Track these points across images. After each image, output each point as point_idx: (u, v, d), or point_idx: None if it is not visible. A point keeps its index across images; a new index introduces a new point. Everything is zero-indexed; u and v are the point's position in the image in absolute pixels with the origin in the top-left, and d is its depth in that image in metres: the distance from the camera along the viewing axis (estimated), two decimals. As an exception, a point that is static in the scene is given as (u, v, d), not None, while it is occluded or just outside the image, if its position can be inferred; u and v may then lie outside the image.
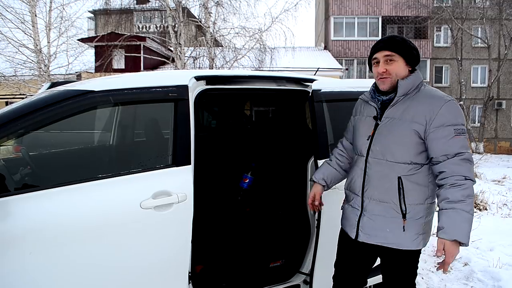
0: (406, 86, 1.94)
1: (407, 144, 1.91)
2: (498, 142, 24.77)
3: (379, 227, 1.98)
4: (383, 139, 1.96)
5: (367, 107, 2.10)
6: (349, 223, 2.11)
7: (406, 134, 1.91)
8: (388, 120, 1.97)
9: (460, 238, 1.76)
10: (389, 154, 1.94)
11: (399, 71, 1.95)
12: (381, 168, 1.96)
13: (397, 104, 1.96)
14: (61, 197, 1.94)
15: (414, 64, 1.99)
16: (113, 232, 2.01)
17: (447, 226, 1.78)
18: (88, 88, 2.13)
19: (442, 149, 1.85)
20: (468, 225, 1.77)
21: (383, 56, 1.96)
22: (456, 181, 1.80)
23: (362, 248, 2.09)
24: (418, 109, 1.90)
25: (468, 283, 3.60)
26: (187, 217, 2.17)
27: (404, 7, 23.14)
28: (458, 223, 1.76)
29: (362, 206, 2.04)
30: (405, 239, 1.94)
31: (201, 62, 14.87)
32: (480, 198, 6.91)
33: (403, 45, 1.96)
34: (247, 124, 4.39)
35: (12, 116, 1.94)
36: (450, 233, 1.77)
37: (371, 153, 2.00)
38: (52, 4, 13.53)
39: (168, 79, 2.34)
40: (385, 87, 1.98)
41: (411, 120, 1.90)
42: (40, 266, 1.86)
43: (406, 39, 1.99)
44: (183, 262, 2.21)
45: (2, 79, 13.32)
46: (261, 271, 2.95)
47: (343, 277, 2.21)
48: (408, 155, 1.92)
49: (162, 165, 2.24)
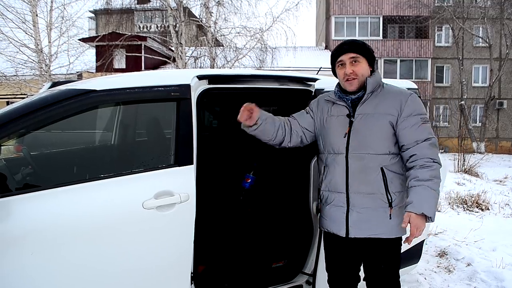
0: (373, 83, 2.09)
1: (385, 136, 2.05)
2: (499, 142, 24.74)
3: (368, 219, 2.04)
4: (361, 134, 2.06)
5: (336, 107, 2.19)
6: (336, 223, 2.13)
7: (383, 127, 2.04)
8: (361, 116, 2.08)
9: (426, 212, 1.90)
10: (370, 147, 2.04)
11: (364, 71, 2.10)
12: (363, 161, 2.05)
13: (368, 101, 2.09)
14: (63, 197, 1.92)
15: (373, 65, 2.15)
16: (114, 232, 2.00)
17: (415, 201, 1.92)
18: (90, 87, 2.12)
19: (413, 136, 2.01)
20: (434, 201, 1.94)
21: (348, 58, 2.09)
22: (426, 163, 1.96)
23: (352, 245, 2.13)
24: (388, 103, 2.06)
25: (471, 283, 3.58)
26: (189, 217, 2.15)
27: (405, 6, 23.10)
28: (425, 198, 1.91)
29: (348, 202, 2.08)
30: (393, 227, 2.04)
31: (202, 61, 14.88)
32: (482, 198, 6.89)
33: (365, 48, 2.12)
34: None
35: (13, 115, 1.93)
36: (417, 207, 1.90)
37: (350, 149, 2.07)
38: (53, 4, 13.56)
39: (170, 78, 2.33)
40: (353, 87, 2.10)
41: (385, 113, 2.04)
42: (41, 266, 1.85)
43: (367, 43, 2.16)
44: (185, 262, 2.19)
45: (3, 79, 13.32)
46: (263, 271, 2.94)
47: (338, 278, 2.24)
48: (387, 145, 2.05)
49: (164, 165, 2.23)
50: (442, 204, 6.50)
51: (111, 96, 2.16)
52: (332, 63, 2.20)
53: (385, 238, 2.05)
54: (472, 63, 24.55)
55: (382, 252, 2.10)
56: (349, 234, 2.08)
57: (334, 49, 2.17)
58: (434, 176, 1.95)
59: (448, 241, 4.61)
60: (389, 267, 2.13)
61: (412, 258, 3.05)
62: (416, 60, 24.24)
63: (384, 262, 2.11)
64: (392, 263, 2.14)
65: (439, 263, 4.08)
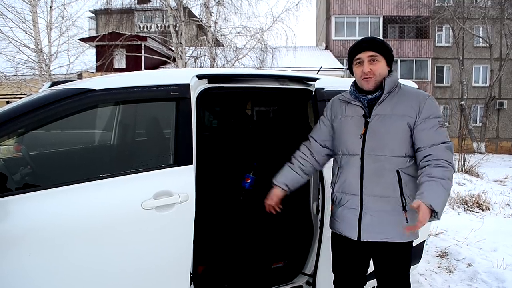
0: (391, 83, 2.04)
1: (402, 138, 1.99)
2: (499, 142, 24.73)
3: (381, 223, 2.00)
4: (378, 135, 2.00)
5: (351, 107, 2.12)
6: (348, 225, 2.08)
7: (400, 128, 1.99)
8: (378, 117, 2.02)
9: (435, 205, 1.82)
10: (387, 149, 1.99)
11: (382, 71, 2.04)
12: (379, 163, 1.99)
13: (385, 101, 2.03)
14: (61, 197, 1.92)
15: (391, 65, 2.09)
16: (114, 232, 1.99)
17: (426, 192, 1.85)
18: (89, 86, 2.11)
19: (431, 138, 1.96)
20: (444, 199, 1.87)
21: (367, 56, 2.02)
22: (441, 163, 1.91)
23: (362, 248, 2.09)
24: (406, 104, 2.00)
25: (472, 284, 3.57)
26: (189, 217, 2.14)
27: (406, 6, 23.09)
28: (436, 192, 1.85)
29: (361, 205, 2.03)
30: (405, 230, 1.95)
31: (202, 61, 14.86)
32: (482, 198, 6.87)
33: (385, 47, 2.06)
34: (249, 123, 4.37)
35: (13, 114, 1.92)
36: (427, 198, 1.83)
37: (366, 150, 2.02)
38: (53, 4, 13.52)
39: (169, 77, 2.32)
40: (370, 86, 2.04)
41: (403, 114, 1.99)
42: (40, 266, 1.84)
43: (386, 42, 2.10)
44: (185, 263, 2.18)
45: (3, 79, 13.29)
46: (263, 272, 2.93)
47: (345, 280, 2.20)
48: (404, 147, 2.00)
49: (164, 165, 2.22)
50: (442, 204, 6.48)
51: (110, 96, 2.15)
52: (350, 60, 2.14)
53: (397, 242, 2.01)
54: (473, 63, 24.54)
55: (394, 256, 2.06)
56: (361, 238, 2.03)
57: (352, 46, 2.11)
58: (448, 177, 1.89)
59: (448, 242, 4.60)
60: (400, 270, 2.10)
61: (413, 258, 3.03)
62: (416, 60, 24.24)
63: (396, 265, 2.08)
64: (403, 266, 2.10)
65: (439, 263, 4.06)
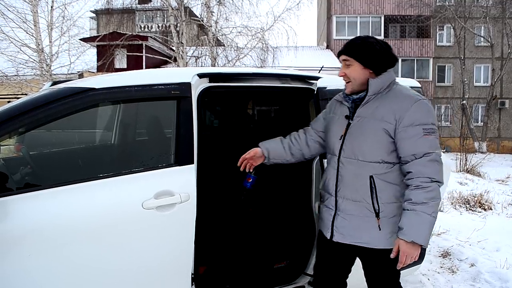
0: (376, 85, 1.93)
1: (378, 143, 1.91)
2: (501, 142, 24.69)
3: (353, 226, 1.97)
4: (354, 138, 1.96)
5: (341, 107, 2.10)
6: (324, 223, 2.10)
7: (376, 133, 1.90)
8: (359, 119, 1.96)
9: (417, 240, 1.79)
10: (360, 153, 1.94)
11: (355, 75, 1.95)
12: (353, 167, 1.96)
13: (368, 103, 1.96)
14: (62, 197, 1.90)
15: (378, 66, 1.94)
16: (114, 232, 1.97)
17: (406, 228, 1.81)
18: (89, 85, 2.09)
19: (411, 148, 1.85)
20: (427, 227, 1.81)
21: (342, 60, 1.99)
22: (421, 183, 1.81)
23: (339, 249, 2.06)
24: (387, 108, 1.89)
25: (475, 284, 3.55)
26: (190, 217, 2.12)
27: (407, 6, 23.08)
28: (416, 225, 1.80)
29: (336, 205, 2.03)
30: (380, 238, 1.93)
31: (203, 61, 14.86)
32: (485, 197, 6.86)
33: (360, 49, 1.94)
34: (250, 123, 4.35)
35: (13, 113, 1.90)
36: (408, 234, 1.80)
37: (343, 152, 1.99)
38: (54, 4, 13.52)
39: (170, 76, 2.30)
40: (348, 90, 2.01)
41: (381, 119, 1.90)
42: (41, 267, 1.83)
43: (370, 42, 1.95)
44: (186, 263, 2.17)
45: (4, 79, 13.31)
46: (265, 272, 2.91)
47: (323, 279, 2.18)
48: (379, 154, 1.92)
49: (165, 165, 2.21)
50: (444, 204, 6.47)
51: (110, 94, 2.13)
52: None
53: (379, 249, 1.95)
54: (474, 62, 24.50)
55: (375, 261, 2.03)
56: (333, 238, 2.03)
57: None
58: (430, 198, 1.80)
59: (451, 241, 4.58)
60: (386, 277, 2.06)
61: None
62: (417, 60, 24.20)
63: (379, 271, 2.05)
64: (387, 273, 2.05)
65: (442, 263, 4.04)
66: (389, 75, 1.96)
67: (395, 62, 1.99)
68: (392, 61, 1.97)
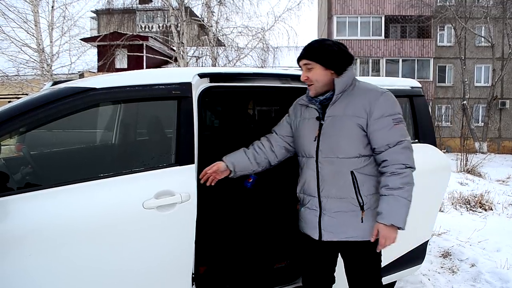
0: (342, 83, 2.00)
1: (354, 139, 1.98)
2: (501, 142, 24.68)
3: (341, 223, 2.01)
4: (330, 137, 2.01)
5: (308, 110, 2.13)
6: (310, 225, 2.11)
7: (351, 130, 1.97)
8: (331, 118, 2.01)
9: (396, 223, 1.89)
10: (339, 151, 1.99)
11: (318, 77, 2.01)
12: (334, 166, 2.00)
13: (337, 102, 2.02)
14: (63, 197, 1.90)
15: (339, 66, 2.00)
16: (115, 232, 1.97)
17: (384, 212, 1.90)
18: (90, 85, 2.09)
19: (384, 139, 1.94)
20: (404, 210, 1.91)
21: (303, 64, 2.05)
22: (397, 170, 1.91)
23: (327, 247, 2.10)
24: (357, 104, 1.97)
25: (476, 284, 3.54)
26: (190, 217, 2.12)
27: (407, 6, 23.07)
28: (395, 209, 1.89)
29: (320, 206, 2.05)
30: (366, 229, 1.98)
31: (203, 61, 14.87)
32: (485, 198, 6.85)
33: (319, 52, 2.00)
34: (251, 123, 4.35)
35: (13, 113, 1.90)
36: (386, 218, 1.89)
37: (320, 153, 2.03)
38: (54, 4, 13.54)
39: (171, 76, 2.30)
40: (311, 93, 2.07)
41: (353, 115, 1.96)
42: (41, 267, 1.82)
43: (327, 44, 2.01)
44: (186, 263, 2.16)
45: (5, 79, 13.33)
46: (265, 272, 2.91)
47: (313, 279, 2.20)
48: (357, 148, 1.98)
49: (165, 164, 2.20)
50: (445, 204, 6.46)
51: (111, 94, 2.13)
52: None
53: (361, 241, 2.00)
54: (475, 62, 24.49)
55: (358, 255, 2.06)
56: (322, 237, 2.05)
57: None
58: (406, 183, 1.91)
59: (451, 242, 4.58)
60: (369, 269, 2.09)
61: (416, 259, 3.02)
62: (418, 60, 24.19)
63: (364, 264, 2.08)
64: (371, 265, 2.09)
65: (442, 263, 4.04)
66: (350, 73, 2.04)
67: (352, 60, 2.07)
68: (350, 59, 2.05)
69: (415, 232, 2.97)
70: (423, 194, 2.91)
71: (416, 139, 2.97)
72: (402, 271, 2.96)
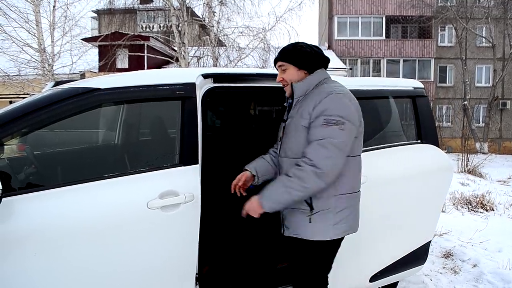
0: (300, 88, 2.07)
1: (301, 139, 2.01)
2: (502, 142, 24.66)
3: (294, 220, 2.06)
4: (286, 137, 2.10)
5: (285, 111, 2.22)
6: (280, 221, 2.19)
7: (298, 131, 2.02)
8: (290, 120, 2.11)
9: (262, 202, 1.96)
10: (290, 150, 2.06)
11: (292, 77, 2.09)
12: (285, 165, 2.07)
13: (298, 104, 2.09)
14: (66, 197, 1.90)
15: (311, 66, 2.08)
16: (119, 232, 1.97)
17: (265, 189, 2.00)
18: (94, 85, 2.10)
19: (312, 136, 1.94)
20: (277, 197, 1.94)
21: (278, 66, 2.14)
22: (301, 162, 1.91)
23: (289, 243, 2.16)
24: (307, 105, 2.01)
25: (478, 285, 3.55)
26: (194, 217, 2.13)
27: (408, 6, 23.07)
28: (271, 190, 1.97)
29: None
30: (313, 230, 2.01)
31: (205, 61, 14.87)
32: (486, 198, 6.85)
33: (292, 53, 2.08)
34: (253, 123, 4.35)
35: (16, 114, 1.91)
36: (261, 194, 1.99)
37: (280, 152, 2.14)
38: (56, 4, 13.55)
39: (175, 77, 2.30)
40: (287, 93, 2.15)
41: (301, 116, 2.02)
42: (45, 267, 1.83)
43: (300, 46, 2.09)
44: (190, 263, 2.17)
45: (6, 79, 13.35)
46: (268, 272, 2.91)
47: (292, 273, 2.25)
48: (301, 149, 2.00)
49: (169, 165, 2.20)
50: (446, 205, 6.46)
51: (115, 95, 2.13)
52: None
53: (307, 240, 2.03)
54: (476, 63, 24.48)
55: (304, 253, 2.09)
56: (284, 232, 2.14)
57: None
58: (297, 176, 1.88)
59: (453, 242, 4.58)
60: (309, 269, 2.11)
61: (418, 259, 3.02)
62: (419, 60, 24.18)
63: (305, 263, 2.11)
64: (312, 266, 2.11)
65: (444, 264, 4.04)
66: (317, 76, 2.08)
67: (327, 62, 2.13)
68: (323, 61, 2.11)
69: (417, 233, 2.98)
70: (426, 195, 2.92)
71: (419, 139, 2.98)
72: (404, 271, 2.96)
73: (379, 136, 2.89)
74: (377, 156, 2.70)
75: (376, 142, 2.78)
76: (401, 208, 2.78)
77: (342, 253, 2.27)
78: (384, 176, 2.67)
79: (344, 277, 2.55)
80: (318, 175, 1.86)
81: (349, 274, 2.64)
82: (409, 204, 2.83)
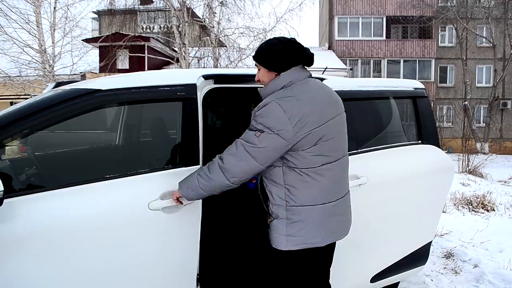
0: (263, 93, 2.04)
1: None
2: (503, 142, 24.65)
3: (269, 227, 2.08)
4: None
5: None
6: None
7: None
8: None
9: (179, 186, 2.01)
10: None
11: (264, 78, 2.06)
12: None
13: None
14: (67, 198, 1.90)
15: (280, 67, 1.98)
16: (120, 233, 1.98)
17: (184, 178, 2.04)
18: (95, 87, 2.10)
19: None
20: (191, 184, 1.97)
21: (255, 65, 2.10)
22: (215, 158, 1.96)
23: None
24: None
25: (479, 285, 3.55)
26: (195, 218, 2.13)
27: (409, 6, 23.09)
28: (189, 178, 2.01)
29: None
30: (271, 237, 2.04)
31: (205, 62, 14.88)
32: (487, 198, 6.84)
33: (262, 54, 2.02)
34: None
35: (18, 115, 1.91)
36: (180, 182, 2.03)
37: None
38: (56, 4, 13.57)
39: (176, 78, 2.30)
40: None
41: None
42: (46, 268, 1.83)
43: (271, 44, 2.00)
44: (191, 264, 2.17)
45: (7, 80, 13.37)
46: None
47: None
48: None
49: (170, 166, 2.21)
50: (447, 205, 6.46)
51: (116, 96, 2.13)
52: None
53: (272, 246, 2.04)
54: (476, 63, 24.48)
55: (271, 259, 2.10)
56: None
57: None
58: (208, 166, 1.96)
59: (454, 242, 4.58)
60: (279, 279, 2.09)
61: (419, 259, 3.02)
62: (419, 61, 24.19)
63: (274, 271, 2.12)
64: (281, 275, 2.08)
65: (445, 264, 4.04)
66: (282, 78, 1.98)
67: (303, 58, 2.00)
68: (296, 58, 1.98)
69: (418, 233, 2.98)
70: (426, 195, 2.92)
71: (420, 140, 2.98)
72: (405, 271, 2.96)
73: (379, 136, 2.90)
74: (378, 157, 2.70)
75: (376, 143, 2.78)
76: (402, 208, 2.78)
77: (343, 253, 2.27)
78: (385, 177, 2.67)
79: (345, 277, 2.55)
80: (221, 169, 1.91)
81: (350, 274, 2.64)
82: (410, 204, 2.83)
